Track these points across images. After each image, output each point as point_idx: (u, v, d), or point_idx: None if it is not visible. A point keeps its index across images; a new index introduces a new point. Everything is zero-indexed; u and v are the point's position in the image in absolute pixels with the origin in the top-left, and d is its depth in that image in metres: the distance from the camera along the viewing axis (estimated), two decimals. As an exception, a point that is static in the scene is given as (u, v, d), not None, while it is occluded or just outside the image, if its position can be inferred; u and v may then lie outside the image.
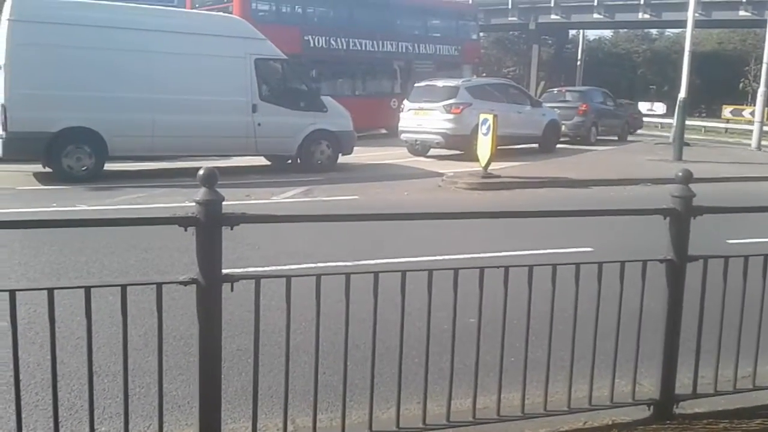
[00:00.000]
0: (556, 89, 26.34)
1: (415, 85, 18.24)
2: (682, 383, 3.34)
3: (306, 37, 21.43)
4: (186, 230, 2.54)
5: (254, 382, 2.70)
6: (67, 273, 5.82)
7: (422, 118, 16.58)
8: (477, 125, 13.47)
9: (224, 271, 2.61)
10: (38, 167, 12.08)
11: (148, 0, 16.12)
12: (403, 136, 17.34)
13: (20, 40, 10.91)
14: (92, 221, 2.59)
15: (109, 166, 12.32)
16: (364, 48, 23.16)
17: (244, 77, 12.96)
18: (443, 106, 16.32)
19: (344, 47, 22.61)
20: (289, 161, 14.10)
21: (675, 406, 3.30)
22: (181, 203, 9.05)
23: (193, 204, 2.54)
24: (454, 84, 17.38)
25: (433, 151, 17.08)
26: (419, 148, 17.17)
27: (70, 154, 11.51)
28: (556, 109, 20.17)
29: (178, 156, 13.28)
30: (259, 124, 12.98)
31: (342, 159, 14.29)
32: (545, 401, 3.11)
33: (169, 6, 19.14)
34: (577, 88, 26.28)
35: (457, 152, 16.20)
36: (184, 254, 2.71)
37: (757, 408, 3.40)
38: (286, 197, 10.60)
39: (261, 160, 14.26)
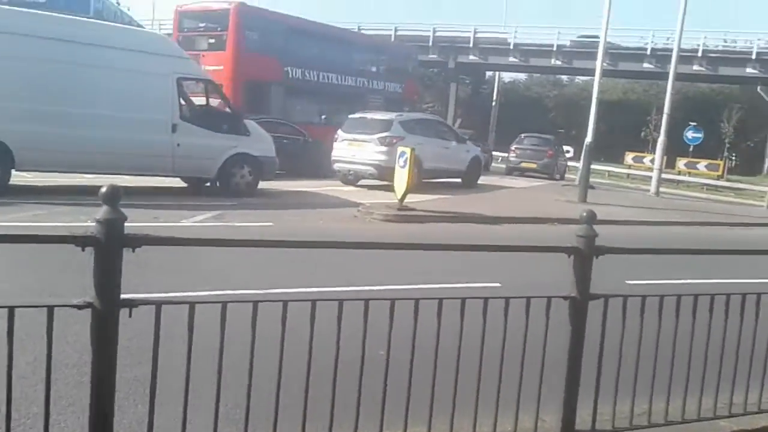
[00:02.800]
0: (523, 135, 30.55)
1: (349, 116, 18.57)
2: (583, 419, 3.41)
3: (285, 68, 23.66)
4: (84, 250, 2.40)
5: (150, 415, 2.57)
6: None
7: (356, 149, 16.97)
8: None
9: (123, 295, 2.48)
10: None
11: (65, 11, 15.96)
12: (336, 166, 17.58)
13: None
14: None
15: (15, 180, 11.65)
16: (330, 81, 25.37)
17: (166, 95, 12.53)
18: (377, 138, 16.69)
19: (315, 79, 24.90)
20: (208, 184, 13.78)
21: (575, 442, 3.37)
22: (84, 222, 8.65)
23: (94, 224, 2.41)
24: (387, 117, 17.83)
25: (364, 181, 17.40)
26: (352, 178, 17.55)
27: None
28: (479, 147, 22.68)
29: (91, 172, 12.46)
30: (178, 145, 12.56)
31: (264, 185, 14.11)
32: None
33: (85, 18, 19.09)
34: (540, 135, 30.75)
35: (387, 182, 16.25)
36: (83, 276, 2.55)
37: (651, 444, 3.52)
38: (197, 221, 10.32)
39: (177, 182, 13.86)
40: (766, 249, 4.28)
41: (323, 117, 24.16)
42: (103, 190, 2.43)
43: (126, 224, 2.44)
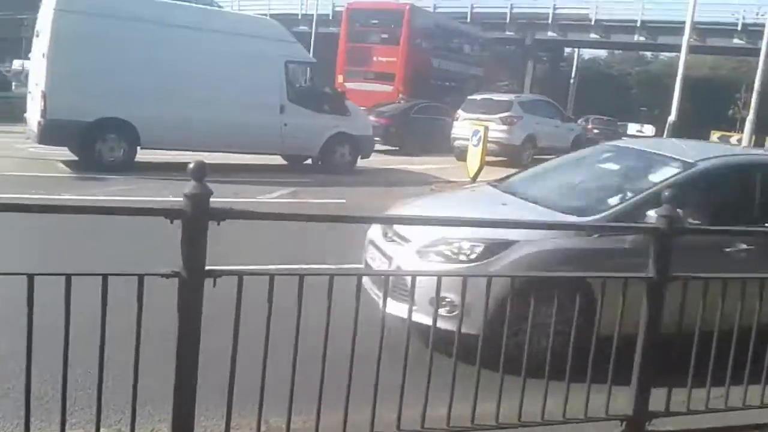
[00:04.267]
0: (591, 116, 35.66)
1: (469, 97, 20.32)
2: (656, 400, 3.36)
3: (432, 59, 28.39)
4: (172, 223, 2.54)
5: (230, 380, 2.70)
6: (45, 262, 5.72)
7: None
8: (527, 136, 18.13)
9: (207, 267, 2.61)
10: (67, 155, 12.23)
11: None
12: (456, 143, 18.71)
13: (64, 30, 11.09)
14: (77, 208, 2.57)
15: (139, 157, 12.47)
16: (452, 69, 29.77)
17: (274, 78, 13.28)
18: (499, 118, 18.16)
19: (446, 68, 29.23)
20: (308, 161, 14.50)
21: (648, 423, 3.32)
22: (166, 197, 9.01)
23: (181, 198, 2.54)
24: (507, 98, 19.75)
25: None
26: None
27: (104, 143, 11.75)
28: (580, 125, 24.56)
29: (207, 150, 13.13)
30: (285, 125, 13.31)
31: (362, 162, 14.69)
32: (520, 412, 3.13)
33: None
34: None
35: (503, 159, 17.96)
36: (166, 248, 2.70)
37: (728, 429, 3.43)
38: (273, 197, 10.59)
39: (275, 159, 14.39)
40: None
41: (449, 100, 26.21)
42: (191, 166, 2.56)
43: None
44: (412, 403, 3.02)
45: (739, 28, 39.60)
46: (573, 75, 51.36)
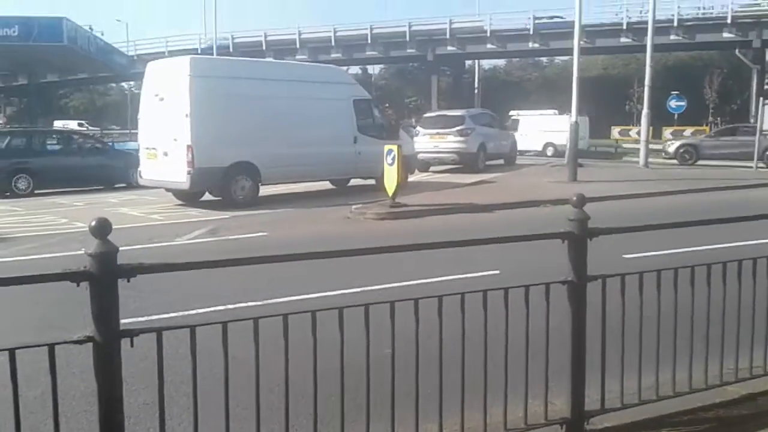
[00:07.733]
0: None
1: (424, 115, 24.12)
2: (592, 399, 3.43)
3: None
4: (78, 286, 2.39)
5: (161, 440, 2.57)
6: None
7: (438, 141, 21.16)
8: (480, 144, 21.20)
9: (125, 320, 2.48)
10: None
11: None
12: (420, 156, 20.45)
13: (200, 93, 13.29)
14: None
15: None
16: None
17: (348, 115, 16.06)
18: (456, 131, 21.08)
19: None
20: (348, 183, 17.17)
21: (586, 423, 3.38)
22: (76, 251, 8.63)
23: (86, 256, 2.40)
24: (460, 113, 22.98)
25: (432, 168, 21.49)
26: (435, 164, 21.58)
27: (236, 183, 13.93)
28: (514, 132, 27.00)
29: (305, 181, 16.09)
30: (359, 153, 16.02)
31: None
32: (462, 428, 3.12)
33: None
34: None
35: (460, 166, 21.15)
36: (82, 306, 2.55)
37: (662, 417, 3.53)
38: (191, 238, 10.31)
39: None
40: (754, 215, 4.30)
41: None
42: (93, 224, 2.41)
43: (122, 247, 2.44)
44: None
45: (624, 27, 41.83)
46: (476, 85, 52.78)
